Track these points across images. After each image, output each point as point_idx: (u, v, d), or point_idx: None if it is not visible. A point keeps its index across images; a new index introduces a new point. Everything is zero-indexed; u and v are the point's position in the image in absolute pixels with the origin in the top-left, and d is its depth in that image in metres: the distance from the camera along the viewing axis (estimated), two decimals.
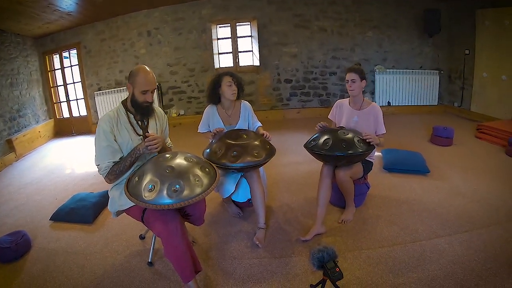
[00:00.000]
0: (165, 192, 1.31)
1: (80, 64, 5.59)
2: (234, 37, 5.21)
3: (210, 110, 2.22)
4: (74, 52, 5.67)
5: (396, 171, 2.92)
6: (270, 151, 1.98)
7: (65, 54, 5.82)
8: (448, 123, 4.05)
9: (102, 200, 2.59)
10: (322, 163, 2.12)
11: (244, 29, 5.29)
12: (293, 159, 3.33)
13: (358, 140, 1.93)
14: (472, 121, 4.58)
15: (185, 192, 1.32)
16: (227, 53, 5.33)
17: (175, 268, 1.52)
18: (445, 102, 5.43)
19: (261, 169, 2.16)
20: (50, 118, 5.64)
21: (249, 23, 5.21)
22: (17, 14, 4.39)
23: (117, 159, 1.58)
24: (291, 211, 2.39)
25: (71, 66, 5.90)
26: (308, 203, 2.47)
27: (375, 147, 2.01)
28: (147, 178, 1.36)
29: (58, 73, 6.02)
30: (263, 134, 2.11)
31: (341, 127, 2.17)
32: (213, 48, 5.20)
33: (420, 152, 3.17)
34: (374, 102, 2.21)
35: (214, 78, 2.17)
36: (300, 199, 2.55)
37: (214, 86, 2.16)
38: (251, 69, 5.23)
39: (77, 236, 2.23)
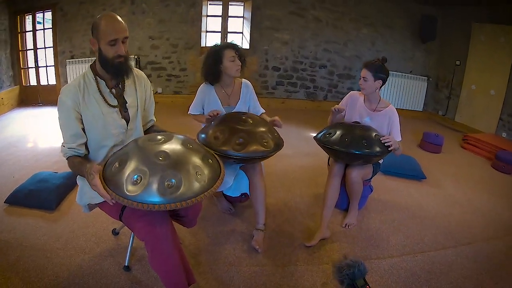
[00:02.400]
0: (155, 186, 0.97)
1: (53, 28, 5.04)
2: (225, 16, 4.89)
3: (205, 89, 1.90)
4: (49, 14, 5.19)
5: (392, 174, 2.84)
6: (279, 141, 1.68)
7: (39, 16, 5.33)
8: (432, 130, 4.10)
9: (68, 183, 2.21)
10: (331, 160, 1.92)
11: (236, 9, 4.99)
12: (282, 152, 3.05)
13: (378, 139, 1.75)
14: (455, 131, 4.62)
15: (182, 189, 0.99)
16: (215, 32, 5.02)
17: (163, 283, 1.21)
18: (429, 109, 5.45)
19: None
20: (16, 85, 5.08)
21: (243, 3, 4.92)
22: None
23: (79, 144, 1.24)
24: (289, 210, 2.17)
25: (44, 29, 5.40)
26: (305, 201, 2.29)
27: (391, 150, 1.78)
28: (132, 165, 1.01)
29: (29, 36, 5.49)
30: (274, 120, 1.81)
31: (357, 122, 1.93)
32: (201, 25, 4.86)
33: (413, 157, 3.11)
34: (390, 104, 1.96)
35: (212, 52, 1.83)
36: (296, 196, 2.35)
37: (214, 62, 1.81)
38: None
39: (36, 226, 1.83)
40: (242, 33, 4.99)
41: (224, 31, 4.96)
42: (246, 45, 4.92)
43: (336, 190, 1.86)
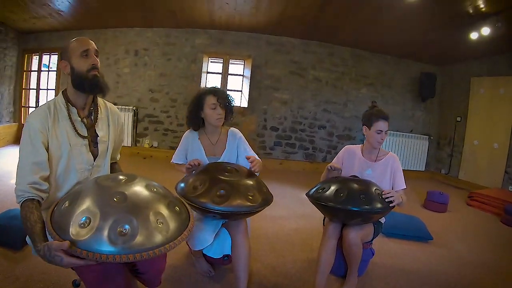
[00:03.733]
0: (105, 232, 0.83)
1: (58, 72, 5.18)
2: (225, 73, 4.93)
3: (189, 136, 1.77)
4: (55, 58, 5.31)
5: (395, 236, 2.63)
6: (267, 197, 1.47)
7: (46, 57, 5.46)
8: (436, 189, 3.94)
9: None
10: (327, 219, 1.70)
11: (236, 68, 5.04)
12: (276, 213, 2.95)
13: (378, 194, 1.55)
14: (460, 189, 4.51)
15: (138, 239, 0.84)
16: None
17: None
18: (432, 168, 5.33)
19: (247, 219, 1.66)
20: (15, 122, 5.15)
21: (243, 61, 4.96)
22: None
23: (42, 176, 1.07)
24: (277, 276, 1.92)
25: (48, 71, 5.50)
26: (297, 266, 2.06)
27: (394, 205, 1.58)
28: (83, 205, 0.89)
29: (34, 76, 5.62)
30: (249, 158, 1.59)
31: (355, 176, 1.75)
32: (201, 81, 4.89)
33: (417, 217, 2.95)
34: (390, 152, 1.84)
35: (195, 97, 1.73)
36: (288, 262, 2.12)
37: (195, 108, 1.70)
38: (237, 110, 4.90)
39: None
40: (241, 91, 4.99)
41: (223, 89, 5.00)
42: (244, 104, 4.92)
43: (331, 254, 1.63)
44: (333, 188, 1.58)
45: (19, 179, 1.06)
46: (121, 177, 1.03)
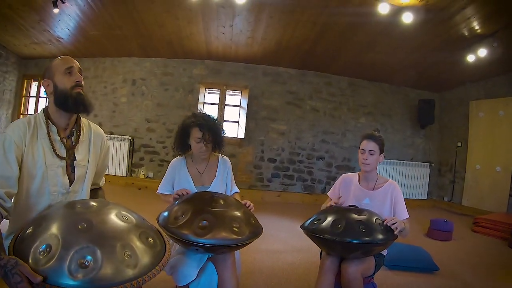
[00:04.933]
0: (65, 263, 0.74)
1: None
2: (221, 104, 4.92)
3: (176, 164, 1.68)
4: None
5: (398, 268, 2.47)
6: (256, 229, 1.36)
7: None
8: (439, 217, 3.82)
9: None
10: (324, 253, 1.57)
11: (233, 98, 5.03)
12: (272, 247, 2.83)
13: (379, 223, 1.43)
14: (464, 216, 4.39)
15: (102, 272, 0.75)
16: None
17: None
18: (434, 196, 5.22)
19: (236, 252, 1.56)
20: None
21: (240, 91, 4.96)
22: (4, 19, 4.21)
23: (6, 192, 0.98)
24: None
25: (47, 97, 5.52)
26: None
27: (397, 235, 1.46)
28: (46, 231, 0.81)
29: (32, 101, 5.65)
30: (245, 204, 1.51)
31: (353, 206, 1.64)
32: (198, 111, 4.88)
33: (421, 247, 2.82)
34: (390, 179, 1.71)
35: (183, 123, 1.66)
36: None
37: (182, 135, 1.64)
38: (234, 141, 4.85)
39: None
40: (238, 122, 4.96)
41: (220, 120, 4.95)
42: (241, 135, 4.87)
43: None
44: (329, 219, 1.46)
45: None
46: (92, 203, 0.95)
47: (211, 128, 1.60)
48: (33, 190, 1.08)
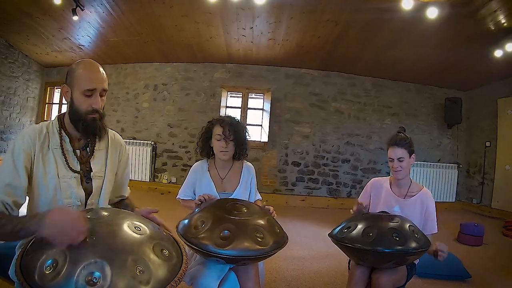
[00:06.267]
0: (72, 279, 0.69)
1: None
2: (244, 108, 4.86)
3: (198, 168, 1.62)
4: None
5: (428, 276, 2.36)
6: (280, 238, 1.27)
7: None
8: (469, 221, 3.68)
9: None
10: (353, 262, 1.49)
11: (256, 102, 4.97)
12: (297, 253, 2.76)
13: (413, 231, 1.34)
14: (494, 219, 4.25)
15: None
16: None
17: None
18: (462, 198, 5.04)
19: (260, 262, 1.46)
20: None
21: (263, 94, 4.90)
22: (25, 29, 4.31)
23: (14, 201, 0.93)
24: None
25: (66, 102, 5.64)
26: None
27: (431, 243, 1.38)
28: (52, 245, 0.76)
29: (55, 108, 5.78)
30: (268, 210, 1.43)
31: (384, 212, 1.55)
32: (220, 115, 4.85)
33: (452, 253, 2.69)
34: (424, 187, 1.60)
35: (205, 126, 1.63)
36: None
37: (204, 136, 1.60)
38: (257, 145, 4.79)
39: None
40: (261, 125, 4.90)
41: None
42: (265, 138, 4.81)
43: None
44: (360, 226, 1.37)
45: None
46: (103, 213, 0.88)
47: (233, 125, 1.55)
48: (45, 202, 1.02)
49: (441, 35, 3.62)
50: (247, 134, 1.63)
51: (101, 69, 1.05)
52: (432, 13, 3.07)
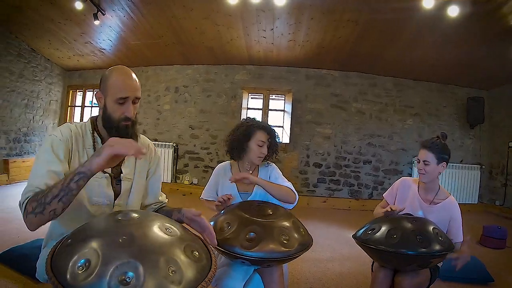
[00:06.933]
0: (105, 280, 0.70)
1: None
2: (265, 109, 4.89)
3: (221, 169, 1.66)
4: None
5: (451, 279, 2.35)
6: (305, 240, 1.29)
7: (90, 94, 5.78)
8: (492, 223, 3.63)
9: None
10: (376, 264, 1.49)
11: (276, 103, 4.99)
12: (319, 255, 2.76)
13: (437, 234, 1.35)
14: None
15: None
16: None
17: None
18: (485, 200, 4.96)
19: (284, 264, 1.49)
20: None
21: (284, 96, 4.91)
22: (48, 34, 4.42)
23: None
24: None
25: (92, 106, 5.76)
26: None
27: (454, 246, 1.39)
28: (84, 245, 0.77)
29: (78, 111, 5.91)
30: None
31: (409, 214, 1.55)
32: (241, 117, 4.87)
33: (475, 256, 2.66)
34: (450, 194, 1.59)
35: (245, 125, 1.62)
36: None
37: (242, 136, 1.59)
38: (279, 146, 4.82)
39: None
40: (282, 127, 4.92)
41: None
42: (286, 140, 4.82)
43: None
44: (384, 228, 1.38)
45: (29, 182, 0.92)
46: (134, 214, 0.90)
47: (273, 133, 1.60)
48: (75, 200, 1.03)
49: (462, 34, 3.58)
50: (279, 139, 1.68)
51: (134, 76, 1.08)
52: (453, 11, 3.05)
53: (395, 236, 1.33)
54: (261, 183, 1.48)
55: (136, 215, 0.90)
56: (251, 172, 1.66)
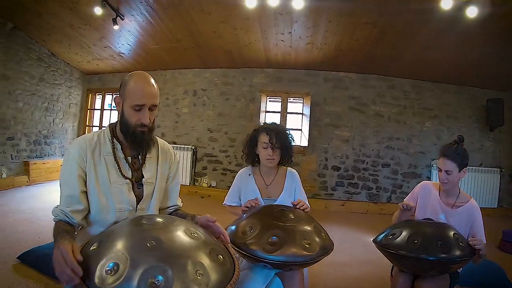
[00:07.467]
0: (134, 283, 0.72)
1: None
2: (284, 112, 4.92)
3: (243, 175, 1.67)
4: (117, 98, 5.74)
5: (470, 285, 2.32)
6: (326, 244, 1.30)
7: (109, 97, 5.87)
8: (511, 228, 3.54)
9: None
10: (396, 269, 1.49)
11: (295, 106, 5.01)
12: (337, 259, 2.73)
13: (457, 239, 1.34)
14: None
15: None
16: None
17: None
18: (505, 204, 4.89)
19: (304, 268, 1.51)
20: None
21: (302, 98, 4.93)
22: (67, 38, 4.51)
23: (73, 210, 1.02)
24: None
25: (111, 110, 5.87)
26: None
27: (475, 253, 1.37)
28: (112, 249, 0.80)
29: (97, 114, 6.03)
30: (298, 203, 1.48)
31: (429, 219, 1.55)
32: (260, 120, 4.91)
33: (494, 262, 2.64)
34: (472, 198, 1.58)
35: (252, 132, 1.67)
36: None
37: (250, 143, 1.64)
38: (297, 149, 4.82)
39: None
40: (301, 130, 4.94)
41: None
42: (304, 143, 4.85)
43: None
44: (405, 233, 1.38)
45: (60, 201, 1.06)
46: (158, 219, 0.92)
47: (278, 133, 1.58)
48: (97, 207, 1.07)
49: (481, 35, 3.54)
50: (292, 140, 1.67)
51: (152, 82, 1.08)
52: (472, 12, 3.02)
53: (415, 241, 1.33)
54: None
55: (160, 219, 0.93)
56: (272, 178, 1.67)
